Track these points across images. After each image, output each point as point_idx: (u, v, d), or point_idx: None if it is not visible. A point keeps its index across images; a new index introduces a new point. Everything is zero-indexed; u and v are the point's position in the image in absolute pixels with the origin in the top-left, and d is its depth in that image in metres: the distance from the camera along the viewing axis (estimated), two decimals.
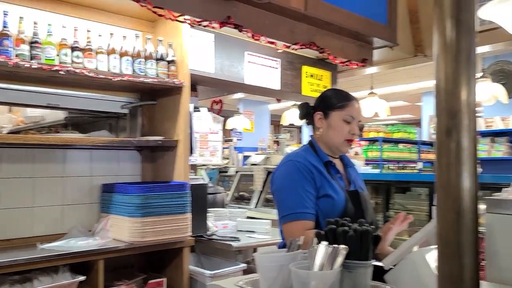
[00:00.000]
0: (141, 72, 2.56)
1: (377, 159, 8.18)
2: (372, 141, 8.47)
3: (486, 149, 6.32)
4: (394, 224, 1.71)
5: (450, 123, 0.59)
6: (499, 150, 6.21)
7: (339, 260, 1.04)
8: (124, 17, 2.80)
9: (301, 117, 1.92)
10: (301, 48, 2.99)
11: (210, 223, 3.06)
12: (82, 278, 2.22)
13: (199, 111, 3.41)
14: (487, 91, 4.85)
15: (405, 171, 8.60)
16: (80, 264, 2.26)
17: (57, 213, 2.60)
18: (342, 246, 1.06)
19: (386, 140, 8.47)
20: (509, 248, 1.42)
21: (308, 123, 1.92)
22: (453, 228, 0.59)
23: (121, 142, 2.71)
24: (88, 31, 2.46)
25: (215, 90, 4.11)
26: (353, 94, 1.90)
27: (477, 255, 0.59)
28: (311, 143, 1.86)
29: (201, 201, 2.84)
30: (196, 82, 3.22)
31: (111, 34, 2.56)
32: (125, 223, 2.40)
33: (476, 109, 0.62)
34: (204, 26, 2.46)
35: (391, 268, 1.29)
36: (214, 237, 2.94)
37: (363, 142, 8.65)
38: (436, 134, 0.61)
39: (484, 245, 1.51)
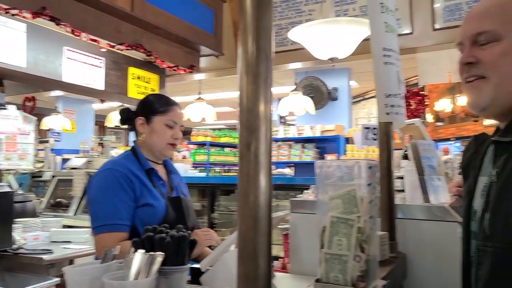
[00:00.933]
0: None
1: (204, 162, 8.42)
2: (200, 145, 8.70)
3: (298, 154, 7.11)
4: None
5: (250, 137, 0.66)
6: (308, 155, 7.05)
7: (155, 267, 1.05)
8: None
9: (122, 123, 1.88)
10: (127, 49, 2.91)
11: (17, 235, 2.72)
12: None
13: (5, 109, 3.01)
14: (299, 103, 5.48)
15: (230, 174, 9.07)
16: None
17: None
18: (159, 253, 1.07)
19: (213, 144, 8.79)
20: (309, 243, 1.62)
21: (130, 129, 1.88)
22: (251, 233, 0.66)
23: None
24: None
25: (27, 86, 3.67)
26: (181, 98, 1.93)
27: (270, 255, 0.67)
28: (133, 150, 1.82)
29: (4, 211, 2.51)
30: (3, 76, 2.84)
31: None
32: None
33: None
34: (13, 15, 2.19)
35: (208, 269, 1.35)
36: (21, 251, 2.62)
37: (191, 146, 8.82)
38: (238, 147, 0.67)
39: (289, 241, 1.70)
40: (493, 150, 0.94)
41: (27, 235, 2.83)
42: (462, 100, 8.58)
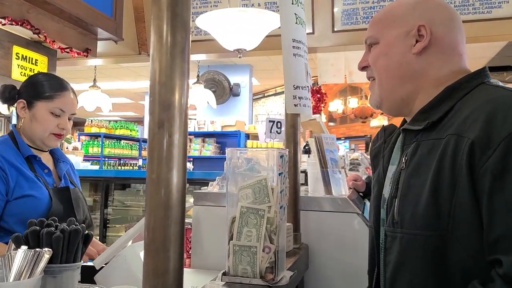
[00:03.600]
0: None
1: (97, 155, 7.93)
2: (94, 136, 8.18)
3: (198, 148, 7.03)
4: None
5: (163, 115, 0.58)
6: (208, 150, 7.00)
7: (41, 265, 0.91)
8: None
9: (3, 102, 1.64)
10: (11, 25, 2.59)
11: None
12: None
13: None
14: (200, 96, 5.40)
15: (126, 168, 8.66)
16: None
17: None
18: (46, 249, 0.94)
19: (108, 136, 8.32)
20: (211, 236, 1.58)
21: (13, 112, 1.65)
22: (162, 223, 0.59)
23: None
24: None
25: None
26: (74, 86, 1.74)
27: (182, 246, 0.60)
28: (11, 134, 1.60)
29: None
30: None
31: None
32: None
33: (189, 108, 0.63)
34: None
35: (103, 267, 1.23)
36: None
37: (83, 137, 8.25)
38: (149, 128, 0.59)
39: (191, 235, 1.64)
40: (402, 138, 0.98)
41: None
42: (353, 102, 9.24)
